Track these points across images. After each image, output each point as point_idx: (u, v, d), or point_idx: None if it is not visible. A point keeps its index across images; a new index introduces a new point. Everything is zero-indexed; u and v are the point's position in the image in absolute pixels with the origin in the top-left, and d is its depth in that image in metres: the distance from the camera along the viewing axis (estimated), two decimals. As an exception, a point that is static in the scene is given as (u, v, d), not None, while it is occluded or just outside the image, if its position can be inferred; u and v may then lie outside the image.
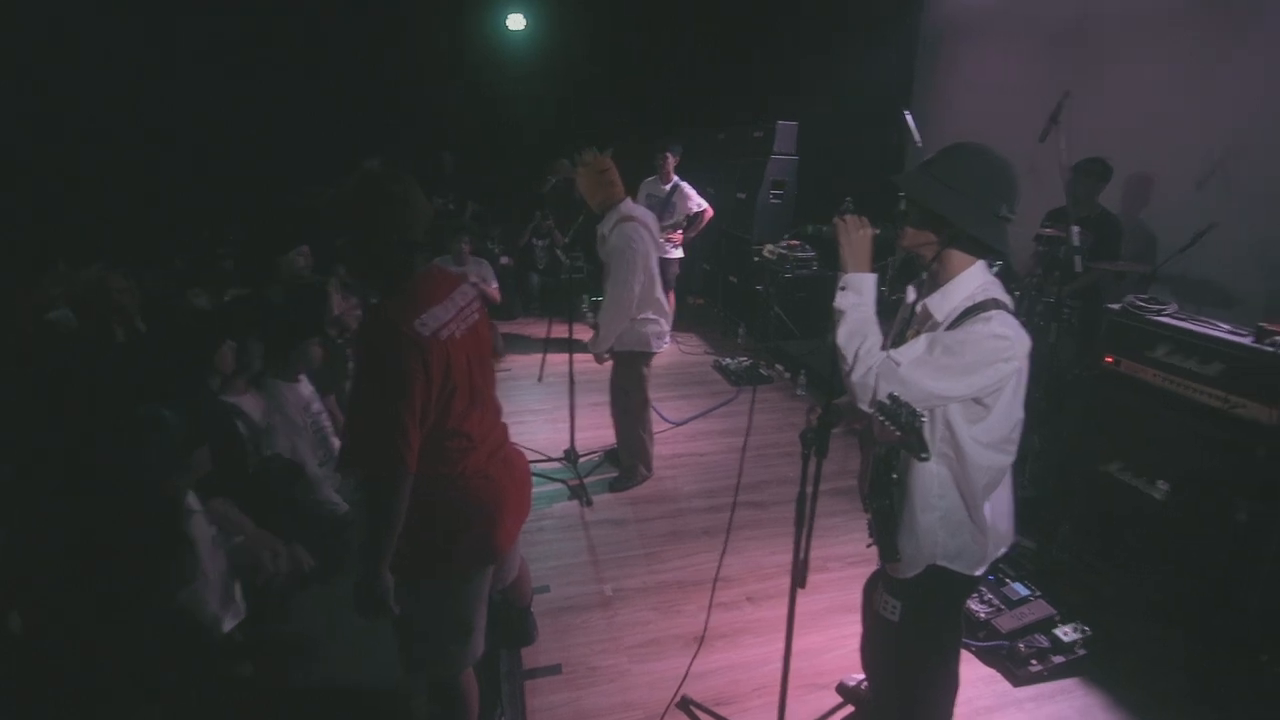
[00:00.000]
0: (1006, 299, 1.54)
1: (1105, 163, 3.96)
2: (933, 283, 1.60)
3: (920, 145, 4.92)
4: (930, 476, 1.62)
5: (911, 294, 1.72)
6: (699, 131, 7.45)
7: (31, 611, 1.68)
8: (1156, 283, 3.77)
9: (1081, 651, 2.47)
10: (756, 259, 6.04)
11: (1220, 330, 2.63)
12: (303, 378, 3.14)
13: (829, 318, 1.56)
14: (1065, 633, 2.49)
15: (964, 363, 1.44)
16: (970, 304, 1.51)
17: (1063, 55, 4.84)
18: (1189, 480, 2.61)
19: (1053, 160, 3.44)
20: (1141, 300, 2.91)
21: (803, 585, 1.78)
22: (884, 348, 1.55)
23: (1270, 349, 2.40)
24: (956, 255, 1.54)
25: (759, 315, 6.05)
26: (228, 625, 2.07)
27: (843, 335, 1.51)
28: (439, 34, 6.73)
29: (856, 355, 1.49)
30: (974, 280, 1.54)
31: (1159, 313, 2.82)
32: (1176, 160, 4.10)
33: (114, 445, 1.85)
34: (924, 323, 1.61)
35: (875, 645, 2.00)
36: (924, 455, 1.37)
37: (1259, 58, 3.68)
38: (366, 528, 1.63)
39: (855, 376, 1.49)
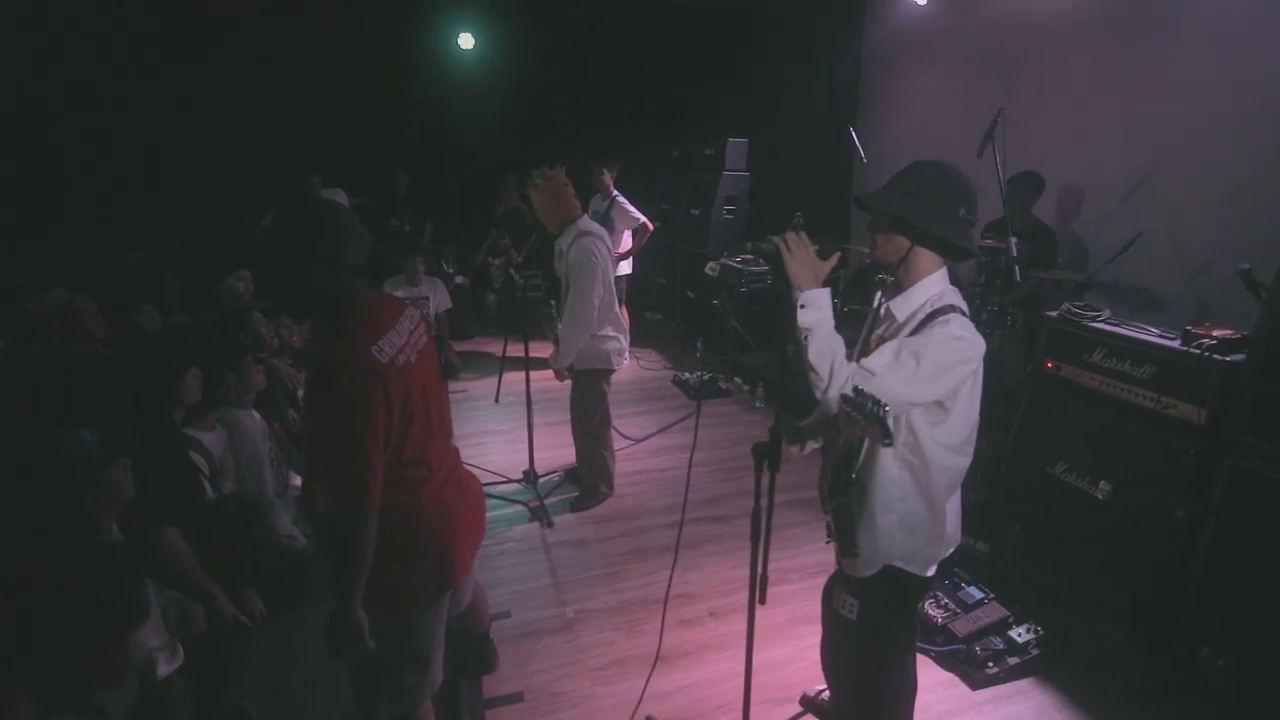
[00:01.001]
0: (963, 304, 1.62)
1: (1038, 175, 4.14)
2: (897, 287, 1.68)
3: (865, 161, 5.06)
4: (892, 481, 1.67)
5: (878, 299, 1.80)
6: (653, 149, 7.53)
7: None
8: (1091, 290, 3.94)
9: (1035, 652, 2.52)
10: (706, 271, 6.11)
11: (1150, 334, 2.75)
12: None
13: (787, 331, 1.60)
14: (1019, 634, 2.54)
15: (930, 368, 1.50)
16: (931, 309, 1.58)
17: (996, 73, 5.05)
18: (1128, 480, 2.71)
19: (991, 175, 3.58)
20: (1077, 307, 3.03)
21: (763, 601, 1.78)
22: (851, 356, 1.60)
23: (1196, 351, 2.51)
24: (922, 260, 1.63)
25: (716, 329, 6.10)
26: (164, 669, 1.96)
27: (814, 353, 1.52)
28: (393, 53, 6.68)
29: (831, 371, 1.51)
30: (934, 286, 1.63)
31: (1094, 319, 2.94)
32: (1105, 172, 4.31)
33: (21, 472, 1.75)
34: (887, 323, 1.68)
35: (834, 646, 2.02)
36: (887, 441, 1.42)
37: (1178, 74, 3.90)
38: (335, 564, 1.59)
39: (832, 392, 1.51)
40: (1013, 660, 2.49)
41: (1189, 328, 2.61)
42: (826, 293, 1.57)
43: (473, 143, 7.18)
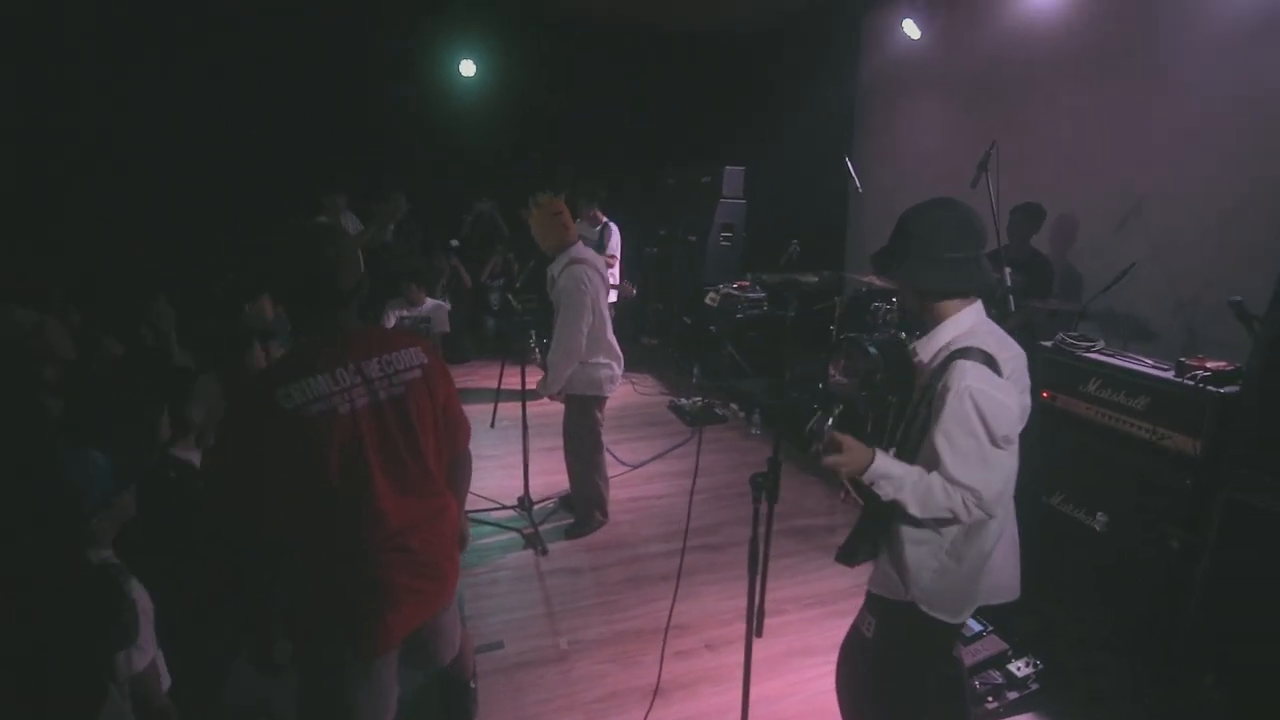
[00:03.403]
0: (992, 343, 1.61)
1: (1039, 206, 4.20)
2: (925, 327, 1.71)
3: (860, 191, 5.13)
4: (943, 528, 1.66)
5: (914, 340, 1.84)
6: (650, 176, 7.61)
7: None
8: (1085, 320, 3.97)
9: (1035, 685, 2.50)
10: (706, 301, 6.14)
11: (1144, 365, 2.76)
12: None
13: (784, 358, 1.62)
14: (1018, 667, 2.52)
15: (986, 437, 1.53)
16: (953, 349, 1.59)
17: (988, 105, 5.14)
18: (1125, 510, 2.70)
19: (985, 205, 3.62)
20: (1072, 337, 3.04)
21: (759, 634, 1.76)
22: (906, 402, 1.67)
23: (1190, 382, 2.53)
24: (938, 303, 1.66)
25: (712, 355, 6.11)
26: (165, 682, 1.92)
27: (919, 510, 1.58)
28: (394, 78, 6.78)
29: (950, 509, 1.55)
30: (959, 325, 1.64)
31: (1088, 349, 2.95)
32: (1098, 203, 4.36)
33: (30, 483, 1.74)
34: (917, 360, 1.71)
35: (848, 662, 1.96)
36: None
37: (1168, 104, 3.97)
38: None
39: (964, 519, 1.57)
40: (1012, 695, 2.46)
41: (1183, 359, 2.62)
42: (882, 458, 1.58)
43: (465, 167, 7.24)
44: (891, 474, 1.57)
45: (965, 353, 1.55)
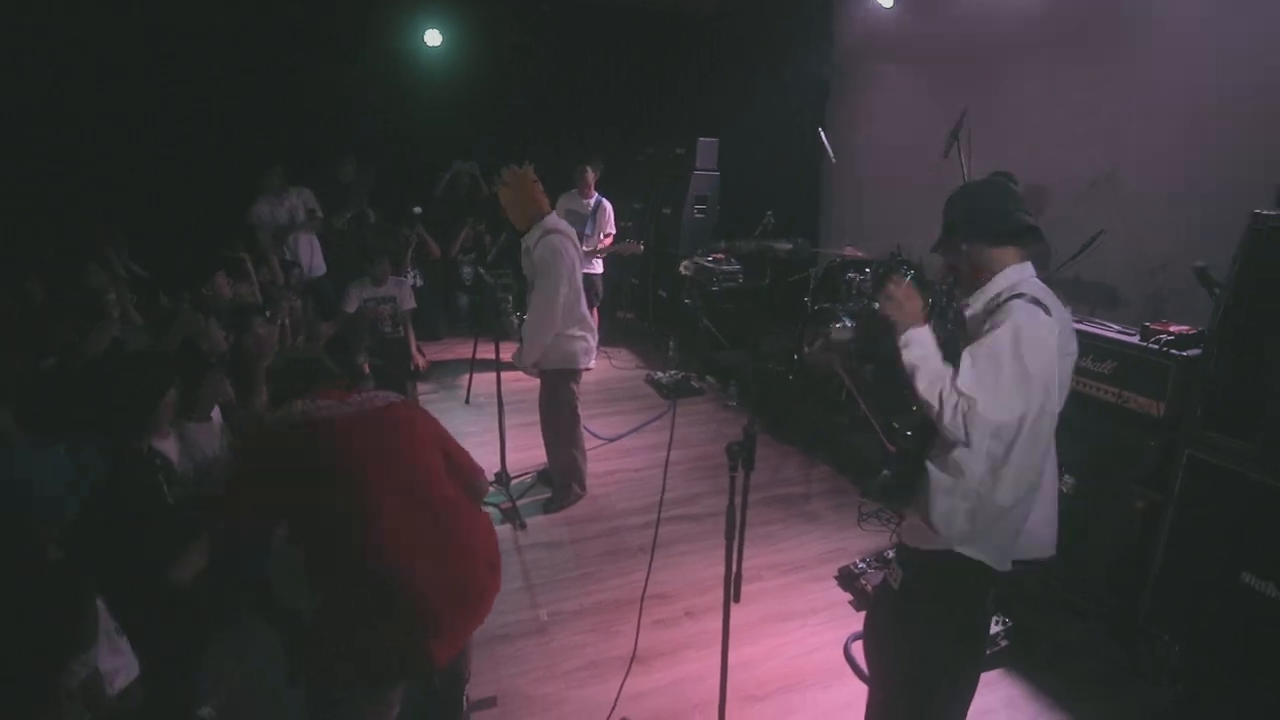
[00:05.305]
0: (1040, 292, 1.66)
1: (1009, 175, 4.21)
2: (975, 285, 1.76)
3: (835, 162, 5.11)
4: (967, 467, 1.67)
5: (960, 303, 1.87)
6: (624, 148, 7.51)
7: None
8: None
9: (1004, 643, 2.57)
10: (680, 270, 6.12)
11: (1111, 330, 2.81)
12: (216, 409, 2.94)
13: (758, 329, 1.63)
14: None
15: (998, 367, 1.55)
16: (1005, 297, 1.65)
17: (960, 74, 5.13)
18: (1092, 473, 2.77)
19: (957, 174, 3.64)
20: (1041, 304, 3.08)
21: (737, 599, 1.78)
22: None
23: (1154, 346, 2.58)
24: (984, 261, 1.72)
25: (688, 328, 6.10)
26: (119, 683, 1.87)
27: (924, 386, 1.61)
28: (357, 47, 6.55)
29: (941, 400, 1.57)
30: (1007, 279, 1.70)
31: (1057, 315, 2.99)
32: (1066, 172, 4.40)
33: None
34: (970, 311, 1.76)
35: (873, 621, 1.97)
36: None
37: (1136, 75, 4.00)
38: None
39: (946, 420, 1.57)
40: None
41: (1147, 324, 2.68)
42: (926, 329, 1.66)
43: (432, 140, 7.06)
44: (926, 345, 1.64)
45: (1017, 296, 1.63)
